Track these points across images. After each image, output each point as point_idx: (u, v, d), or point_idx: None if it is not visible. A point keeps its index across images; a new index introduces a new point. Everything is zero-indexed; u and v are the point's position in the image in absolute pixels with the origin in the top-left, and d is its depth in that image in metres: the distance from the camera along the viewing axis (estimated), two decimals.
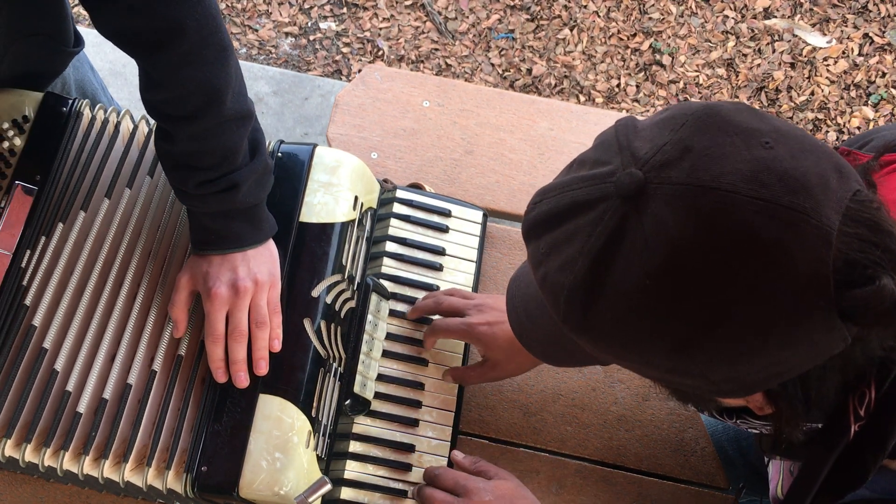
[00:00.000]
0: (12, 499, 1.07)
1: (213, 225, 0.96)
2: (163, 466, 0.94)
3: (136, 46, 0.91)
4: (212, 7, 0.89)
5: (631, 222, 0.61)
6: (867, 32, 2.56)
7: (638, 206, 0.61)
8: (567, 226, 0.65)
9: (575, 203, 0.64)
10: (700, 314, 0.60)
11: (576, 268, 0.63)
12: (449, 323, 1.07)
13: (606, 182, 0.63)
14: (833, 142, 2.43)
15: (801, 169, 0.60)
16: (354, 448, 1.03)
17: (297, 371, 0.97)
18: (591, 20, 2.58)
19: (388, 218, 1.14)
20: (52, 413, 0.95)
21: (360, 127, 1.37)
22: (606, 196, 0.62)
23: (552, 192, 0.67)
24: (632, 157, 0.63)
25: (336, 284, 1.02)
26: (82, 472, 0.94)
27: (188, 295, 0.99)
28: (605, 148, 0.66)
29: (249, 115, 0.95)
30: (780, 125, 0.63)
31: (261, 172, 0.97)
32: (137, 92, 0.94)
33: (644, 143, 0.63)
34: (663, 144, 0.62)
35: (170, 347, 0.99)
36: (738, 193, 0.58)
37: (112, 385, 0.96)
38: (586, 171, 0.66)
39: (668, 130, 0.63)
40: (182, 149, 0.93)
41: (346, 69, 2.55)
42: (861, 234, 0.59)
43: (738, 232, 0.58)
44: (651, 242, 0.60)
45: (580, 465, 1.13)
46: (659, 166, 0.61)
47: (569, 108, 1.45)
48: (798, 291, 0.59)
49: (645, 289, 0.60)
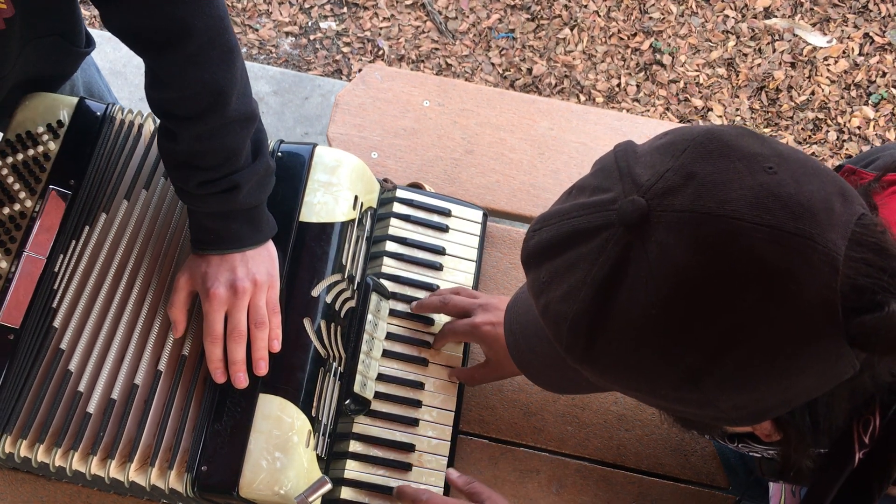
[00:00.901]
0: (12, 498, 1.07)
1: (212, 225, 0.96)
2: (165, 466, 0.94)
3: (143, 45, 0.92)
4: (219, 8, 0.89)
5: (635, 251, 0.60)
6: (867, 32, 2.56)
7: (642, 234, 0.60)
8: (569, 254, 0.64)
9: (576, 231, 0.63)
10: (708, 342, 0.59)
11: (579, 297, 0.62)
12: (455, 326, 1.07)
13: (608, 210, 0.62)
14: (833, 142, 2.43)
15: (805, 193, 0.59)
16: (354, 448, 1.03)
17: (297, 371, 0.97)
18: (592, 20, 2.58)
19: (388, 217, 1.14)
20: (65, 413, 0.96)
21: (360, 126, 1.37)
22: (609, 224, 0.61)
23: (552, 219, 0.66)
24: (633, 184, 0.62)
25: (336, 284, 1.02)
26: (89, 472, 0.94)
27: (187, 295, 0.99)
28: (604, 174, 0.65)
29: (253, 116, 0.95)
30: (782, 149, 0.63)
31: (262, 174, 0.97)
32: (138, 92, 0.95)
33: (645, 169, 0.62)
34: (665, 171, 0.61)
35: (174, 348, 0.99)
36: (742, 220, 0.58)
37: (120, 385, 0.97)
38: (586, 198, 0.65)
39: (669, 156, 0.62)
40: (185, 148, 0.93)
41: (346, 69, 2.55)
42: (868, 259, 0.59)
43: (744, 259, 0.58)
44: (656, 271, 0.59)
45: (580, 464, 1.13)
46: (662, 193, 0.60)
47: (569, 108, 1.45)
48: (806, 318, 0.58)
49: (651, 318, 0.60)
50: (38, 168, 1.04)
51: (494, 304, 1.06)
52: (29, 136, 1.05)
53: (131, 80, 2.37)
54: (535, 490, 1.12)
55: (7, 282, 0.99)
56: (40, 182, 1.03)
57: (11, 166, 1.04)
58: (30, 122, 1.06)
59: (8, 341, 0.97)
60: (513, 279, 1.24)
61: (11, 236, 1.01)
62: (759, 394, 0.61)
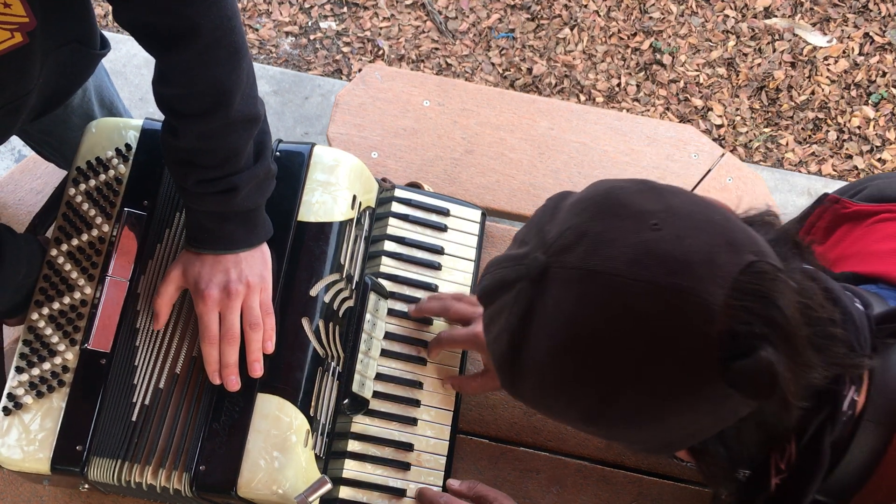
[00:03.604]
0: (12, 498, 1.07)
1: (208, 224, 0.96)
2: (171, 467, 0.95)
3: (151, 41, 0.92)
4: (228, 9, 0.90)
5: (537, 303, 0.65)
6: (868, 32, 2.56)
7: (541, 288, 0.65)
8: (498, 302, 0.69)
9: (502, 281, 0.69)
10: (598, 387, 0.64)
11: (502, 342, 0.68)
12: (455, 335, 1.07)
13: (521, 264, 0.67)
14: (833, 142, 2.43)
15: (682, 248, 0.62)
16: (353, 447, 1.03)
17: (296, 370, 0.97)
18: (592, 19, 2.58)
19: (387, 217, 1.14)
20: (124, 427, 0.97)
21: (360, 126, 1.37)
22: (520, 277, 0.67)
23: (493, 266, 0.71)
24: (541, 241, 0.67)
25: (334, 283, 1.02)
26: (121, 479, 0.95)
27: (175, 289, 0.99)
28: (531, 227, 0.71)
29: (257, 118, 0.96)
30: (675, 204, 0.66)
31: (262, 177, 0.97)
32: (138, 92, 0.96)
33: (555, 226, 0.67)
34: (566, 229, 0.66)
35: (188, 350, 1.00)
36: (621, 276, 0.62)
37: (151, 392, 0.98)
38: (516, 248, 0.70)
39: (574, 214, 0.67)
40: (186, 145, 0.94)
41: (346, 69, 2.55)
42: (748, 307, 0.62)
43: (623, 313, 0.62)
44: (551, 324, 0.64)
45: (580, 464, 1.13)
46: (559, 250, 0.65)
47: (569, 108, 1.45)
48: (686, 364, 0.62)
49: (551, 365, 0.65)
50: (112, 192, 1.05)
51: None
52: (99, 162, 1.06)
53: (131, 80, 2.36)
54: (535, 490, 1.11)
55: (93, 307, 1.00)
56: (115, 206, 1.04)
57: (85, 193, 1.05)
58: (98, 149, 1.07)
59: (100, 366, 0.98)
60: None
61: (93, 262, 1.02)
62: (656, 431, 0.66)
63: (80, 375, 0.98)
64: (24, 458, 0.95)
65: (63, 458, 0.95)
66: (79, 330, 0.99)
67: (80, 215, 1.04)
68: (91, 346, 0.98)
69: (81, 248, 1.02)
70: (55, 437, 0.95)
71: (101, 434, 0.96)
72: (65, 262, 1.02)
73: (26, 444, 0.95)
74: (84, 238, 1.03)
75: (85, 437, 0.95)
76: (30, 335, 0.99)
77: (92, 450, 0.95)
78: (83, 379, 0.97)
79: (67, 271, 1.01)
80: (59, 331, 0.99)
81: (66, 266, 1.02)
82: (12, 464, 0.95)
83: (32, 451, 0.95)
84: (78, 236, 1.03)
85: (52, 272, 1.01)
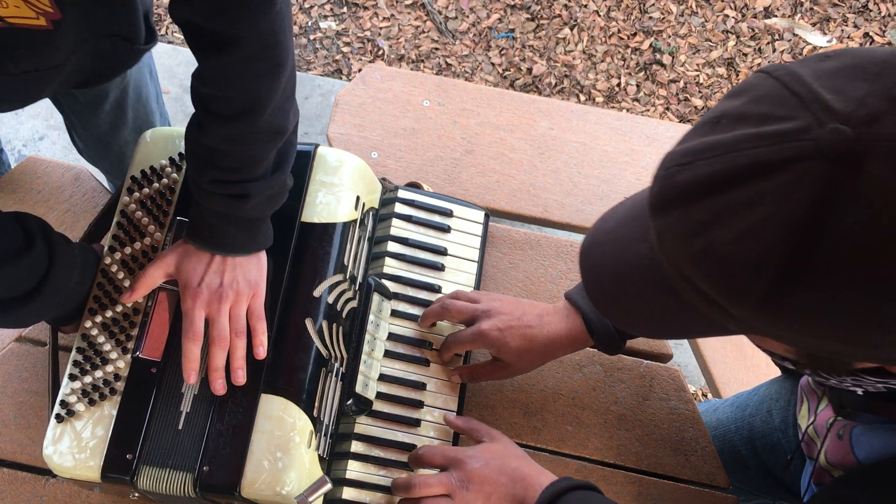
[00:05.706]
0: (13, 498, 1.07)
1: (211, 221, 0.97)
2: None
3: (195, 40, 0.93)
4: (276, 23, 0.90)
5: (843, 186, 0.53)
6: (867, 32, 2.56)
7: (850, 167, 0.53)
8: (744, 189, 0.56)
9: (755, 164, 0.56)
10: None
11: (766, 238, 0.56)
12: (460, 337, 1.07)
13: (800, 140, 0.55)
14: None
15: None
16: (356, 448, 1.03)
17: (299, 371, 0.97)
18: (592, 19, 2.58)
19: (390, 218, 1.14)
20: (172, 435, 0.97)
21: (360, 126, 1.37)
22: (803, 156, 0.54)
23: (708, 152, 0.59)
24: (828, 112, 0.55)
25: (338, 284, 1.02)
26: (169, 488, 0.95)
27: (163, 276, 1.00)
28: (772, 101, 0.58)
29: (283, 131, 0.96)
30: None
31: (276, 190, 0.98)
32: None
33: (833, 94, 0.56)
34: (863, 95, 0.55)
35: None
36: None
37: (192, 400, 0.98)
38: (752, 128, 0.58)
39: (859, 80, 0.56)
40: (209, 143, 0.94)
41: (346, 68, 2.55)
42: None
43: None
44: (872, 210, 0.53)
45: (580, 464, 1.13)
46: (867, 121, 0.54)
47: (569, 108, 1.45)
48: None
49: (862, 263, 0.54)
50: (165, 201, 1.06)
51: (497, 307, 1.05)
52: (153, 171, 1.07)
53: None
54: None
55: (145, 316, 1.00)
56: (167, 214, 1.05)
57: (139, 202, 1.06)
58: (153, 158, 1.08)
59: (151, 375, 0.98)
60: (513, 279, 1.24)
61: None
62: None
63: (131, 384, 0.98)
64: (75, 465, 0.95)
65: (114, 467, 0.94)
66: (131, 338, 1.00)
67: (134, 224, 1.05)
68: (143, 354, 0.99)
69: (135, 256, 1.03)
70: (106, 444, 0.95)
71: (150, 442, 0.96)
72: (118, 270, 1.03)
73: (78, 452, 0.95)
74: (137, 246, 1.04)
75: (135, 446, 0.95)
76: (83, 343, 1.00)
77: (142, 458, 0.95)
78: (134, 387, 0.98)
79: (121, 280, 1.02)
80: (112, 339, 1.00)
81: (119, 274, 1.02)
82: (64, 471, 0.95)
83: (84, 459, 0.95)
84: (131, 244, 1.04)
85: (106, 280, 1.02)
